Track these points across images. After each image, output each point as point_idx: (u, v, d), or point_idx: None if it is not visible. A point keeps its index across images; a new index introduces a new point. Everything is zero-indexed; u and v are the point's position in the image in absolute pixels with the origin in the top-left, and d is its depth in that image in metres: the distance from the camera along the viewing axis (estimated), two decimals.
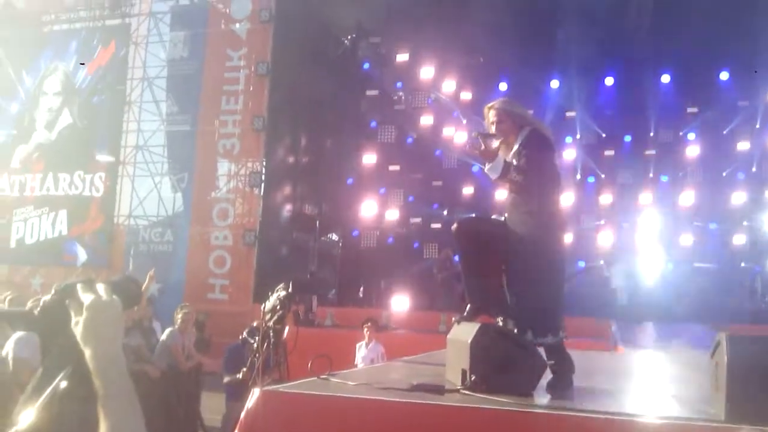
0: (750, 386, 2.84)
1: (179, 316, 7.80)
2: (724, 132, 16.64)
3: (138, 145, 16.54)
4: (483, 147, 4.00)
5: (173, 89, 16.37)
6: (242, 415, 3.38)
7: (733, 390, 2.86)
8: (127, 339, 7.04)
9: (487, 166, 4.05)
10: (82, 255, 16.41)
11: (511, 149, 4.03)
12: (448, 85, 17.21)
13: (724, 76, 16.18)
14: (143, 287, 7.10)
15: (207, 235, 15.30)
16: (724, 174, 16.65)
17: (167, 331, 7.77)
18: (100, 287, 1.38)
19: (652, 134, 17.20)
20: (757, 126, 16.35)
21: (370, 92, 17.59)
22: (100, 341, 1.30)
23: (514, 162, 3.93)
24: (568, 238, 16.59)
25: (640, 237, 16.72)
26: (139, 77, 16.76)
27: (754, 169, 16.54)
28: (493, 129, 4.07)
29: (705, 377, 3.49)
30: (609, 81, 17.04)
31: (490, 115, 4.11)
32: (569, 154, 17.46)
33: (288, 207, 16.31)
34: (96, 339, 1.30)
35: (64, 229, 16.60)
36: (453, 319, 4.29)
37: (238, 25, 15.85)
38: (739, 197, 16.30)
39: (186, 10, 16.59)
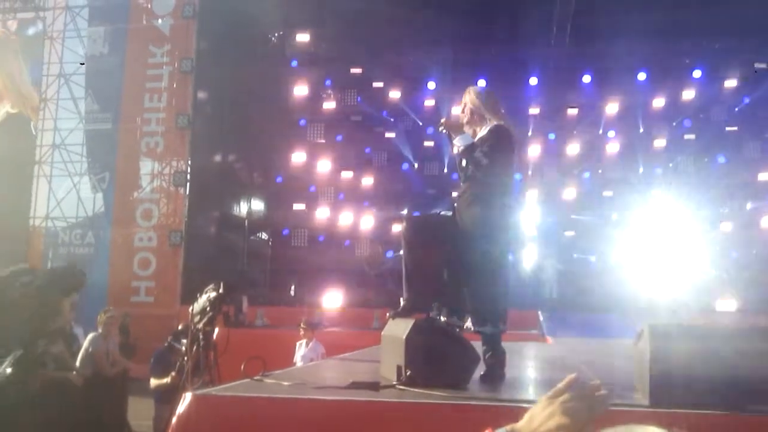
0: (672, 372, 2.96)
1: (102, 320, 7.50)
2: (641, 130, 17.39)
3: (55, 143, 15.82)
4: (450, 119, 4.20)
5: (93, 86, 15.75)
6: (173, 420, 3.27)
7: (656, 376, 2.97)
8: (48, 346, 6.72)
9: (456, 138, 4.13)
10: None
11: (476, 146, 4.10)
12: (377, 84, 17.26)
13: (641, 75, 16.89)
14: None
15: (130, 236, 14.79)
16: (640, 170, 17.39)
17: (90, 336, 7.45)
18: None
19: (574, 132, 17.78)
20: (674, 124, 17.17)
21: (298, 90, 17.42)
22: None
23: (483, 160, 4.00)
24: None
25: (567, 231, 17.28)
26: (56, 73, 16.03)
27: (670, 165, 17.35)
28: (465, 110, 4.20)
29: (630, 365, 3.61)
30: (533, 81, 17.50)
31: (466, 97, 4.23)
32: None
33: (215, 206, 15.96)
34: None
35: None
36: (387, 314, 4.30)
37: (160, 20, 15.38)
38: (656, 192, 17.08)
39: (105, 5, 15.97)
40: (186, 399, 3.26)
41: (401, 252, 4.17)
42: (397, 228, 15.85)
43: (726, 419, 2.79)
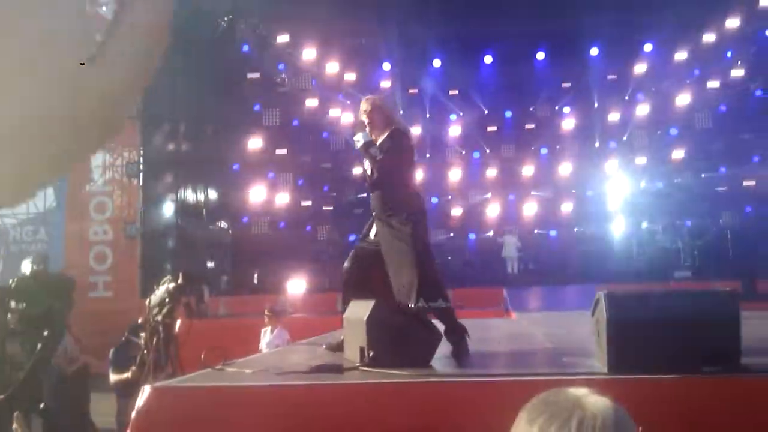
0: (629, 339, 3.01)
1: None
2: (596, 105, 17.64)
3: None
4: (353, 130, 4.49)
5: None
6: (133, 414, 3.20)
7: (613, 344, 3.02)
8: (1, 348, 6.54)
9: (356, 135, 4.40)
10: None
11: (376, 143, 4.38)
12: (332, 67, 17.10)
13: (594, 51, 17.09)
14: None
15: (85, 230, 14.42)
16: (596, 144, 17.67)
17: (45, 334, 7.26)
18: None
19: (531, 109, 17.94)
20: (626, 98, 17.45)
21: (251, 75, 17.16)
22: None
23: (378, 155, 4.29)
24: (457, 212, 17.19)
25: (526, 208, 17.50)
26: None
27: (624, 138, 17.66)
28: (363, 118, 4.46)
29: (588, 335, 3.66)
30: (488, 59, 17.56)
31: (363, 106, 4.50)
32: (454, 130, 17.90)
33: (171, 196, 15.64)
34: None
35: None
36: (319, 348, 4.67)
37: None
38: (611, 165, 17.39)
39: None
40: (145, 392, 3.19)
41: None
42: (357, 210, 15.84)
43: (682, 382, 2.85)
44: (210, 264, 15.42)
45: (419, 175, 15.07)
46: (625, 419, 1.10)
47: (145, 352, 5.82)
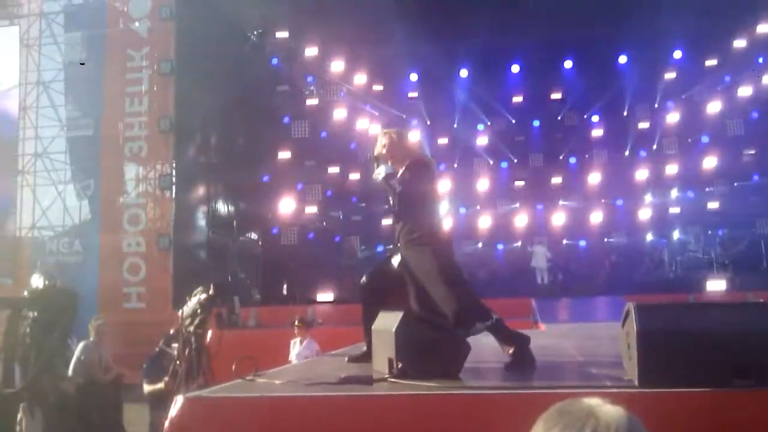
0: (659, 352, 2.98)
1: (93, 327, 7.47)
2: (625, 113, 17.46)
3: (37, 152, 15.70)
4: (375, 165, 4.46)
5: (72, 93, 15.61)
6: (166, 424, 3.26)
7: (644, 357, 2.99)
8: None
9: (377, 168, 4.42)
10: None
11: (397, 174, 4.38)
12: (360, 78, 17.24)
13: (622, 59, 16.94)
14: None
15: (119, 242, 14.69)
16: (626, 153, 17.48)
17: (81, 344, 7.42)
18: None
19: (559, 118, 17.83)
20: (656, 105, 17.25)
21: (280, 88, 17.37)
22: None
23: (398, 187, 4.29)
24: (485, 222, 17.15)
25: (555, 217, 17.36)
26: (34, 81, 15.88)
27: (654, 147, 17.45)
28: (383, 151, 4.47)
29: (618, 347, 3.64)
30: (515, 68, 17.52)
31: (381, 140, 4.51)
32: (482, 140, 17.89)
33: (203, 208, 15.88)
34: None
35: None
36: (345, 359, 4.60)
37: (137, 23, 15.24)
38: (642, 174, 17.18)
39: (80, 10, 15.80)
40: (177, 402, 3.25)
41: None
42: (386, 222, 15.90)
43: (713, 396, 2.82)
44: (241, 275, 15.58)
45: (446, 185, 15.14)
46: (638, 427, 1.11)
47: (178, 362, 5.92)
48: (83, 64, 15.22)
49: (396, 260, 4.44)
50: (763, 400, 2.82)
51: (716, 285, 14.27)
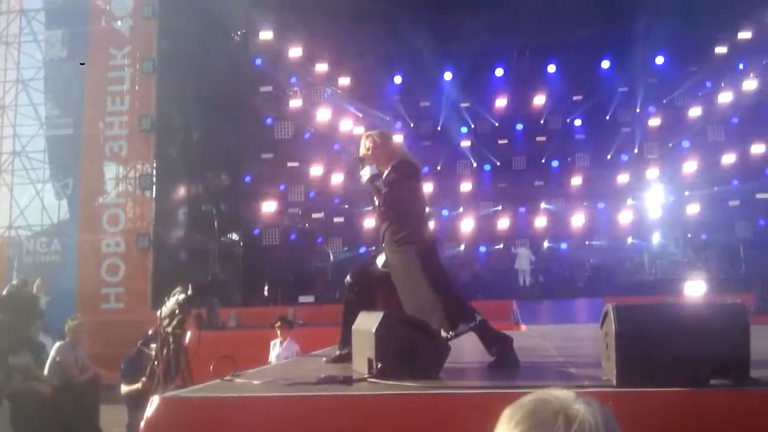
0: (637, 352, 2.99)
1: (70, 328, 7.37)
2: (607, 117, 17.61)
3: (15, 151, 15.49)
4: (360, 167, 4.51)
5: (52, 91, 15.43)
6: (142, 424, 3.22)
7: (622, 356, 3.00)
8: (14, 359, 6.60)
9: (362, 170, 4.47)
10: None
11: (382, 175, 4.40)
12: (343, 80, 17.22)
13: (605, 64, 17.09)
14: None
15: (98, 242, 14.52)
16: (608, 157, 17.62)
17: (57, 345, 7.32)
18: None
19: (542, 122, 17.93)
20: (637, 110, 17.42)
21: (264, 88, 17.29)
22: None
23: (383, 189, 4.31)
24: (467, 225, 17.17)
25: (537, 220, 17.45)
26: (13, 79, 15.68)
27: (636, 151, 17.61)
28: (368, 153, 4.49)
29: (597, 347, 3.65)
30: (499, 72, 17.60)
31: (365, 142, 4.51)
32: (465, 143, 17.94)
33: (183, 208, 15.75)
34: None
35: None
36: (323, 359, 4.60)
37: (120, 22, 15.09)
38: (623, 178, 17.32)
39: (62, 8, 15.60)
40: (154, 402, 3.21)
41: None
42: (368, 224, 15.89)
43: (690, 395, 2.83)
44: (221, 276, 15.46)
45: (429, 187, 15.15)
46: (611, 425, 1.05)
47: (156, 362, 5.86)
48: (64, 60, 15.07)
49: (380, 260, 4.44)
50: (739, 399, 2.84)
51: (695, 288, 14.40)
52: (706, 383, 2.85)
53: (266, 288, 15.86)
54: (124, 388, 6.75)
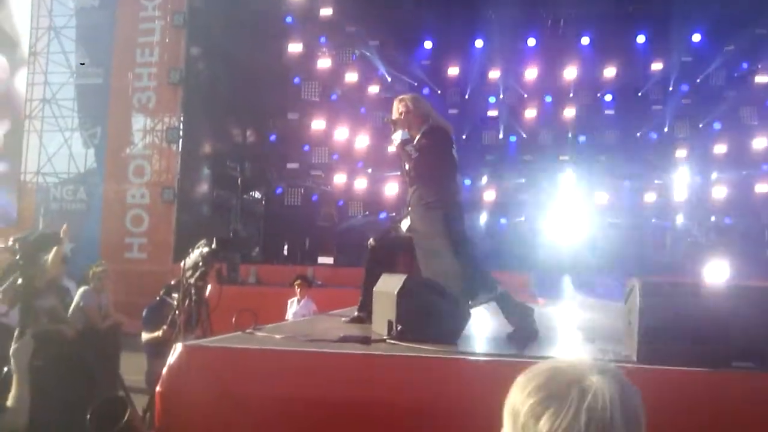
0: (660, 329, 2.99)
1: (95, 274, 7.51)
2: (639, 94, 17.26)
3: (45, 98, 15.62)
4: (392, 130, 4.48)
5: (83, 40, 15.46)
6: (164, 370, 3.29)
7: (645, 332, 3.00)
8: (40, 301, 6.75)
9: (394, 134, 4.43)
10: None
11: (413, 140, 4.39)
12: (373, 42, 17.02)
13: (640, 39, 16.69)
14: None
15: (123, 192, 14.70)
16: (638, 134, 17.32)
17: (81, 290, 7.48)
18: None
19: (571, 95, 17.62)
20: (670, 89, 17.03)
21: (293, 47, 17.14)
22: None
23: (414, 153, 4.30)
24: (489, 196, 17.03)
25: (560, 194, 17.27)
26: (45, 26, 15.72)
27: (666, 130, 17.28)
28: (400, 117, 4.47)
29: (618, 324, 3.64)
30: (531, 42, 17.28)
31: (399, 107, 4.49)
32: (492, 112, 17.73)
33: (208, 163, 15.84)
34: None
35: None
36: (342, 319, 4.65)
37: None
38: (651, 157, 17.05)
39: None
40: (177, 350, 3.28)
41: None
42: (390, 190, 15.88)
43: (710, 376, 2.82)
44: (242, 233, 15.61)
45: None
46: (632, 398, 1.01)
47: (177, 312, 5.96)
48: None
49: (405, 224, 4.45)
50: (762, 383, 2.83)
51: (718, 270, 14.24)
52: (728, 365, 2.84)
53: (286, 247, 16.01)
54: (145, 336, 6.88)
